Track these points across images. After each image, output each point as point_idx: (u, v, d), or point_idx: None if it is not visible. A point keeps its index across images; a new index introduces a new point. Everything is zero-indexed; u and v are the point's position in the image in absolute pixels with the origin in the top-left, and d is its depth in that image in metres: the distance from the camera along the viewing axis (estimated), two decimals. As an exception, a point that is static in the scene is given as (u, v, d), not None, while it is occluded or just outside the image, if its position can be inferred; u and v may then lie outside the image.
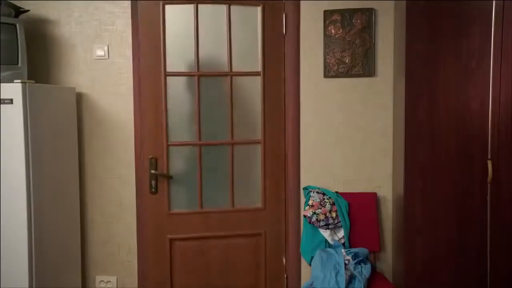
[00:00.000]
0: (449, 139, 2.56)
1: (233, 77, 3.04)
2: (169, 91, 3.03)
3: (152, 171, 2.99)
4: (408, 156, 2.58)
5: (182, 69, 3.03)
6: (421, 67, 2.54)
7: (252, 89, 3.07)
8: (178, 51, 3.04)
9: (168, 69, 3.01)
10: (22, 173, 2.66)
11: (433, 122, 2.55)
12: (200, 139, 3.04)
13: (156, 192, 3.02)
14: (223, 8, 3.00)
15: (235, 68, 3.03)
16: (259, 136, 3.08)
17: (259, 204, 3.12)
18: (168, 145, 3.01)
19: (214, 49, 3.05)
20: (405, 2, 2.53)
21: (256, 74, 3.04)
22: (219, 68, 3.03)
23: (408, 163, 2.59)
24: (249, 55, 3.04)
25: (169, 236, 3.07)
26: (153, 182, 3.00)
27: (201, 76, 3.02)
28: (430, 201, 2.59)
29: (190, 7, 2.98)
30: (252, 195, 3.13)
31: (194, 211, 3.08)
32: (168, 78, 3.02)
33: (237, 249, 3.11)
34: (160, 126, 3.01)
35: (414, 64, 2.54)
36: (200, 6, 2.98)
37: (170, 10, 3.00)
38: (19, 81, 2.64)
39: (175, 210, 3.08)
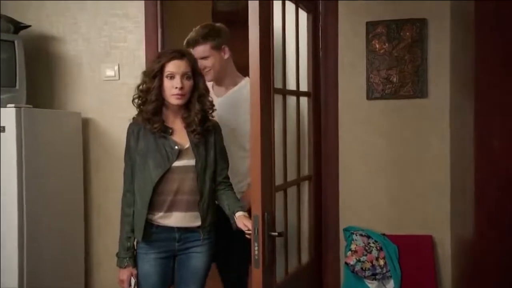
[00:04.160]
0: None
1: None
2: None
3: (273, 233, 1.86)
4: (479, 194, 2.15)
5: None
6: (495, 85, 2.13)
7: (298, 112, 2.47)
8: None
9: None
10: (14, 211, 2.41)
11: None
12: (286, 178, 2.27)
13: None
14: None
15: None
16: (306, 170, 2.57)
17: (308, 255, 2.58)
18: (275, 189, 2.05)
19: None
20: (473, 2, 2.13)
21: (304, 94, 2.56)
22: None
23: (479, 203, 2.15)
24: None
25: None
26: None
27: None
28: (507, 249, 2.14)
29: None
30: (303, 243, 2.56)
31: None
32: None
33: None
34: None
35: (486, 82, 2.13)
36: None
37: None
38: (13, 105, 2.41)
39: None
